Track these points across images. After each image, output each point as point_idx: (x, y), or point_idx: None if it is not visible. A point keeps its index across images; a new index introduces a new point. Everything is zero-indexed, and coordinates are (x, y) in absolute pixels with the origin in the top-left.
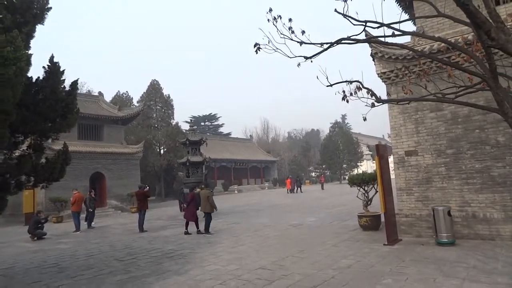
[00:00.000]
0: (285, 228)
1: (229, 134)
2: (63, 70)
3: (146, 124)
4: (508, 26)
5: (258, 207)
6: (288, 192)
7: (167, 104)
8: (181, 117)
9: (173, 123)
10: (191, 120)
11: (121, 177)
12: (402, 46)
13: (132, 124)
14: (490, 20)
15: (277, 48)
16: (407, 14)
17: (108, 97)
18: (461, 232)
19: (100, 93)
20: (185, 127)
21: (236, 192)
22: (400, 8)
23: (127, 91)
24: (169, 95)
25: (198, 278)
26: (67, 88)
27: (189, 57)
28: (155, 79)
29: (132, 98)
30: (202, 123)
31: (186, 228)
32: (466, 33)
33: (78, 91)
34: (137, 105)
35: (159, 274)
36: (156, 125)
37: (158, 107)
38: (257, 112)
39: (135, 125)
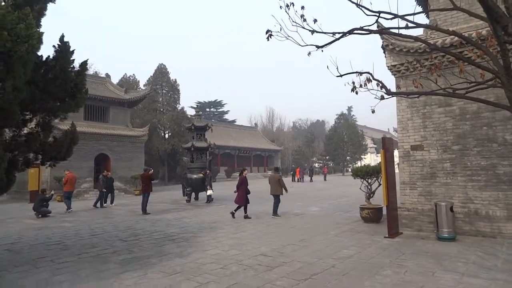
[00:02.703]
0: (287, 216)
1: (234, 121)
2: (73, 50)
3: (152, 108)
4: None
5: (261, 194)
6: (297, 181)
7: (173, 89)
8: (187, 102)
9: (179, 108)
10: (197, 105)
11: (125, 159)
12: (416, 39)
13: (138, 107)
14: (508, 15)
15: (288, 36)
16: (420, 6)
17: (115, 80)
18: (462, 228)
19: (107, 74)
20: (190, 112)
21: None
22: (415, 0)
23: (134, 74)
24: (175, 79)
25: (200, 262)
26: (77, 68)
27: (198, 43)
28: (162, 63)
29: (138, 81)
30: (208, 109)
31: (245, 212)
32: (480, 28)
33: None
34: (143, 88)
35: (161, 256)
36: (161, 109)
37: (164, 91)
38: (263, 101)
39: (141, 108)
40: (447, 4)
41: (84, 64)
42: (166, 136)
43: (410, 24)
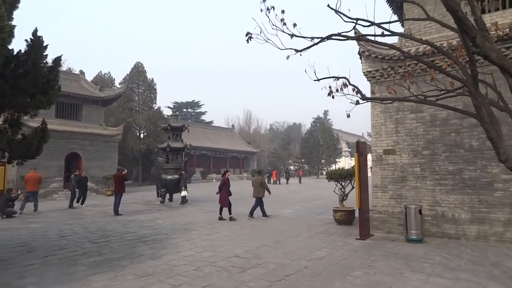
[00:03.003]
0: (261, 218)
1: (211, 122)
2: (47, 45)
3: (127, 107)
4: (492, 35)
5: (236, 196)
6: (273, 183)
7: (150, 88)
8: (164, 102)
9: (155, 108)
10: (173, 105)
11: (98, 159)
12: (390, 46)
13: (113, 106)
14: (476, 27)
15: (268, 39)
16: (396, 15)
17: (89, 77)
18: (430, 230)
19: (81, 71)
20: (167, 112)
21: (214, 180)
22: (391, 9)
23: (109, 72)
24: (152, 79)
25: (173, 263)
26: (50, 63)
27: (175, 44)
28: (139, 62)
29: (114, 79)
30: (185, 110)
31: (220, 214)
32: (451, 38)
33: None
34: (119, 86)
35: (133, 258)
36: (137, 109)
37: (141, 90)
38: (241, 102)
39: (116, 107)
40: (421, 14)
41: (57, 60)
42: (141, 136)
43: (385, 32)
